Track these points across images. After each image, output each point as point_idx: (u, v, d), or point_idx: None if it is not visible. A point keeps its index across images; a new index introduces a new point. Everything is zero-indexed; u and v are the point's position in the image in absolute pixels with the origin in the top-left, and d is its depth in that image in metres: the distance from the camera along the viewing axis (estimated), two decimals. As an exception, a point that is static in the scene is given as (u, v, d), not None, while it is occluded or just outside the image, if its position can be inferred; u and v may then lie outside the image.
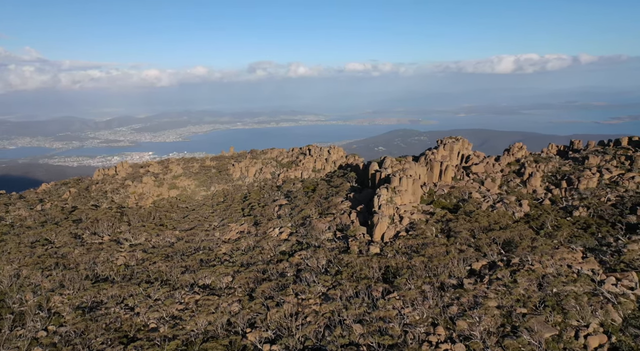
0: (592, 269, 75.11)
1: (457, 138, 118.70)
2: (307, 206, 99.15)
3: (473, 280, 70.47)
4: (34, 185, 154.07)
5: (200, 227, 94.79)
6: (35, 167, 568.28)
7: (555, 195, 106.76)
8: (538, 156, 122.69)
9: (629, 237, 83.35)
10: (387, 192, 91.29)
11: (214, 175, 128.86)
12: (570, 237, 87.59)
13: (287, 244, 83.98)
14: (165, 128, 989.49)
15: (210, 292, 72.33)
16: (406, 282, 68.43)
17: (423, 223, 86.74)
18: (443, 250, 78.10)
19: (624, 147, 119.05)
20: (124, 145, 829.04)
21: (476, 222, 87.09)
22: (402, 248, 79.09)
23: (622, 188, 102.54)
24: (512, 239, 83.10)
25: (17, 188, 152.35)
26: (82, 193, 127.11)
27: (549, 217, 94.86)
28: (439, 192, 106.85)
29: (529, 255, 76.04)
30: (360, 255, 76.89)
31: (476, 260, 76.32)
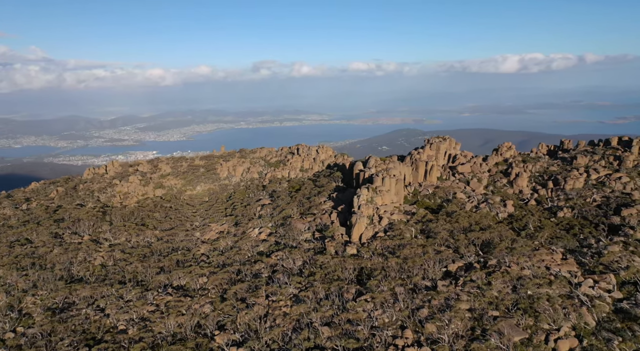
0: (570, 271, 74.10)
1: (444, 137, 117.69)
2: (288, 206, 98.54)
3: (447, 281, 69.64)
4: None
5: (181, 227, 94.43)
6: (40, 165, 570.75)
7: (541, 195, 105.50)
8: (527, 156, 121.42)
9: (610, 239, 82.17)
10: (367, 192, 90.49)
11: (202, 175, 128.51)
12: (551, 238, 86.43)
13: (265, 244, 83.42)
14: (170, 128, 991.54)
15: (183, 293, 71.88)
16: (379, 284, 67.68)
17: (403, 223, 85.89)
18: (420, 251, 77.23)
19: (613, 147, 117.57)
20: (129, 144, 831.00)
21: (456, 223, 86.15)
22: (379, 249, 78.29)
23: (609, 188, 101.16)
24: (491, 240, 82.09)
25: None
26: (70, 193, 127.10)
27: (532, 218, 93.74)
28: (423, 192, 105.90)
29: (506, 256, 75.08)
30: (335, 256, 76.19)
31: (452, 261, 75.42)
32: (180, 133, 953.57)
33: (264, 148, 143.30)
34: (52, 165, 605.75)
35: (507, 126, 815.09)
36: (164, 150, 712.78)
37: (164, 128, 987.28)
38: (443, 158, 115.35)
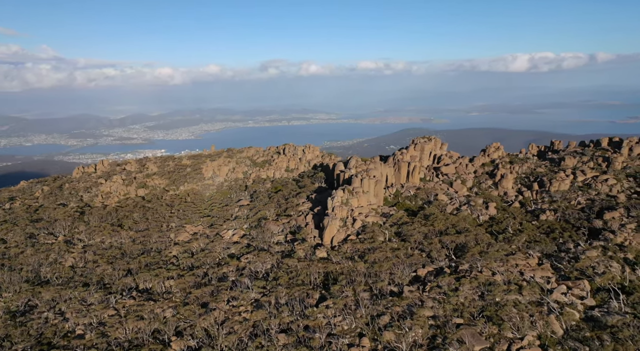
0: (544, 277, 71.99)
1: (429, 138, 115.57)
2: (265, 207, 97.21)
3: (415, 287, 67.80)
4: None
5: (156, 228, 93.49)
6: (51, 164, 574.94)
7: (526, 197, 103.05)
8: (515, 157, 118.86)
9: (590, 243, 79.83)
10: (343, 194, 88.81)
11: (187, 174, 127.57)
12: (528, 242, 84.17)
13: (236, 247, 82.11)
14: (178, 126, 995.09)
15: (147, 297, 70.73)
16: (342, 289, 66.02)
17: (377, 226, 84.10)
18: (391, 255, 75.45)
19: (603, 148, 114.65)
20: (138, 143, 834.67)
21: (432, 226, 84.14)
22: (349, 252, 76.62)
23: (594, 191, 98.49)
24: (466, 244, 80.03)
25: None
26: (55, 192, 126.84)
27: (513, 221, 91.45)
28: (405, 194, 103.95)
29: (478, 261, 73.02)
30: (303, 260, 74.62)
31: (422, 266, 73.55)
32: (188, 131, 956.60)
33: (251, 148, 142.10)
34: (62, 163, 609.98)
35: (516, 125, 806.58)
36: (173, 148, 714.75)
37: (173, 127, 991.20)
38: (428, 159, 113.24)
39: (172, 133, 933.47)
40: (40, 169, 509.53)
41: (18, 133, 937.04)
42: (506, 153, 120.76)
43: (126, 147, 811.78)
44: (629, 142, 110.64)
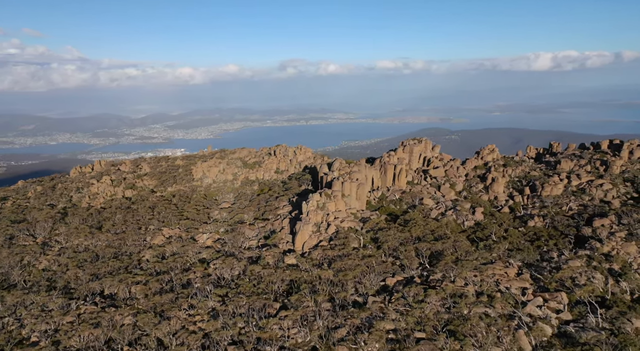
0: (521, 287, 68.48)
1: (419, 139, 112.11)
2: (245, 210, 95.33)
3: (381, 297, 64.76)
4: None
5: (134, 231, 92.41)
6: (74, 162, 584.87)
7: (517, 202, 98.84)
8: (510, 160, 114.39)
9: (575, 252, 75.70)
10: (319, 198, 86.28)
11: (177, 175, 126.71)
12: (510, 250, 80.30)
13: (208, 251, 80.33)
14: (198, 126, 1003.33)
15: (110, 303, 69.37)
16: (303, 299, 63.44)
17: (353, 231, 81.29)
18: (361, 263, 72.61)
19: (602, 150, 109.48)
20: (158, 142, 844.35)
21: (408, 232, 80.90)
22: (319, 259, 74.09)
23: (588, 196, 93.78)
24: (442, 251, 76.66)
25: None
26: (47, 192, 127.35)
27: (497, 227, 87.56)
28: (390, 197, 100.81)
29: (452, 270, 69.73)
30: (270, 267, 72.29)
31: (392, 274, 70.53)
32: (208, 131, 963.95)
33: (244, 149, 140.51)
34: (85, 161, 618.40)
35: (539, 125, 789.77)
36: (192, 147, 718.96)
37: (192, 127, 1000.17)
38: (417, 161, 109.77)
39: (191, 133, 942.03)
40: (63, 167, 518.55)
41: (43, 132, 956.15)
42: (501, 156, 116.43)
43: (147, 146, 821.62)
44: (630, 144, 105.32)
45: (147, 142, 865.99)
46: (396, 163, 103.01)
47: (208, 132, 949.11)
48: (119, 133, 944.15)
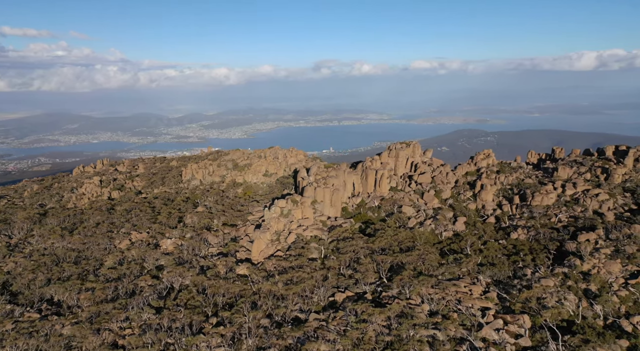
0: (484, 307, 63.03)
1: (407, 143, 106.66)
2: (215, 214, 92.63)
3: (326, 314, 60.27)
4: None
5: (105, 233, 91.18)
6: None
7: (505, 211, 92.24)
8: (507, 166, 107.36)
9: (551, 269, 69.24)
10: (285, 204, 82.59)
11: (166, 177, 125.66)
12: (482, 264, 74.30)
13: (167, 258, 77.87)
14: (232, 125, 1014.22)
15: (55, 310, 67.74)
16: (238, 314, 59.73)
17: (315, 241, 77.15)
18: (317, 275, 68.48)
19: (606, 157, 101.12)
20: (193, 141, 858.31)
21: (372, 243, 76.00)
22: (272, 269, 70.37)
23: (581, 207, 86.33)
24: (405, 265, 71.50)
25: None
26: (43, 192, 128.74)
27: (474, 239, 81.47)
28: (370, 204, 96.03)
29: (408, 286, 64.64)
30: (218, 277, 69.00)
31: (344, 289, 65.99)
32: (241, 131, 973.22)
33: (238, 150, 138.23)
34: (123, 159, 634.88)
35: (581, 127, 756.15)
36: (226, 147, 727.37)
37: (227, 126, 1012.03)
38: (405, 166, 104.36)
39: (225, 132, 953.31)
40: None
41: (86, 131, 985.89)
42: (498, 162, 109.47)
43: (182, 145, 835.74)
44: (636, 151, 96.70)
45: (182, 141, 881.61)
46: (378, 168, 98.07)
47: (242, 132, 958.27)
48: (156, 133, 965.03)
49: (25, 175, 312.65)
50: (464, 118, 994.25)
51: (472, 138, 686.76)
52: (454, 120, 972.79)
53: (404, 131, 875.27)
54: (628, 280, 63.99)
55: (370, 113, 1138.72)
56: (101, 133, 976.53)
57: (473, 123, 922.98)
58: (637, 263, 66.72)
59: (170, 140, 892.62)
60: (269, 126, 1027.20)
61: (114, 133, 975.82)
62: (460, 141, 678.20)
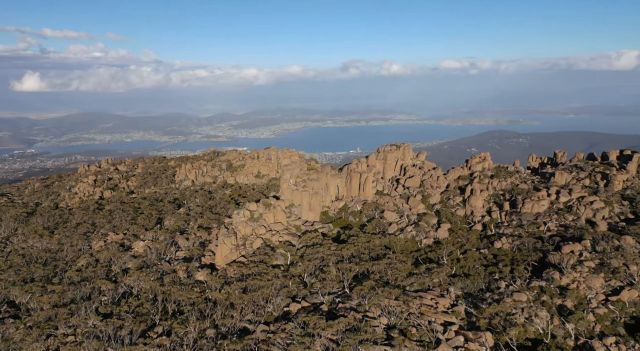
0: (447, 322, 59.08)
1: (397, 145, 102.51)
2: (191, 217, 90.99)
3: (277, 326, 57.31)
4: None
5: (83, 234, 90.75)
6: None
7: (494, 218, 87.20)
8: (504, 170, 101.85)
9: (528, 282, 64.46)
10: (256, 207, 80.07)
11: (158, 177, 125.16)
12: (455, 275, 69.88)
13: (134, 261, 76.49)
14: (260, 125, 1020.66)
15: (14, 313, 67.26)
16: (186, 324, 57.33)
17: (283, 246, 74.28)
18: (278, 282, 65.54)
19: (608, 162, 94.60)
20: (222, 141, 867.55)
21: (341, 250, 72.45)
22: (233, 276, 67.87)
23: (574, 215, 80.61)
24: (370, 273, 67.79)
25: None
26: (43, 190, 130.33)
27: (450, 248, 76.97)
28: (352, 208, 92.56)
29: (369, 298, 60.93)
30: (176, 283, 66.94)
31: (301, 299, 62.80)
32: (269, 130, 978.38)
33: (235, 151, 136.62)
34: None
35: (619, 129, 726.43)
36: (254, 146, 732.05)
37: (255, 126, 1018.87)
38: (394, 169, 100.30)
39: (254, 132, 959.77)
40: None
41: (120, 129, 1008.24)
42: (495, 166, 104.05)
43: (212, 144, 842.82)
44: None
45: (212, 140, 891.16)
46: (363, 171, 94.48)
47: (270, 132, 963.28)
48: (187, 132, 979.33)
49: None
50: (495, 119, 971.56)
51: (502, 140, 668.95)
52: (484, 121, 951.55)
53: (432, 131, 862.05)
54: (609, 297, 58.82)
55: (398, 113, 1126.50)
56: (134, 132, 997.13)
57: (504, 124, 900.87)
58: (621, 278, 61.26)
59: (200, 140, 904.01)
60: (296, 126, 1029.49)
61: (146, 132, 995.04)
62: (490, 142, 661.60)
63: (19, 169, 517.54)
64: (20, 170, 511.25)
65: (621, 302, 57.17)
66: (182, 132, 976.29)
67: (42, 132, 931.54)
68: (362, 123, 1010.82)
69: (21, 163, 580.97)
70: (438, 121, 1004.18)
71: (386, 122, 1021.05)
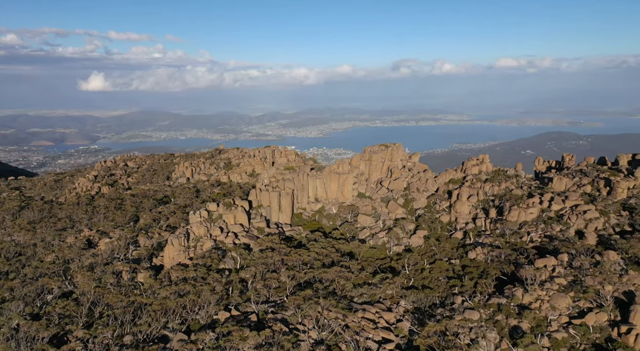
0: (385, 339, 54.01)
1: (386, 145, 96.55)
2: (162, 216, 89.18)
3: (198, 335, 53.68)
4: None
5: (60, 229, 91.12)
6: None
7: (477, 226, 79.81)
8: (503, 173, 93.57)
9: (487, 299, 57.65)
10: (215, 207, 77.07)
11: (156, 174, 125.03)
12: (409, 287, 63.61)
13: (91, 260, 75.35)
14: (308, 124, 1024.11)
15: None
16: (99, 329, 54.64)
17: (236, 250, 70.66)
18: (218, 288, 62.02)
19: (616, 168, 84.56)
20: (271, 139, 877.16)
21: (294, 256, 67.84)
22: (175, 279, 64.98)
23: (563, 225, 72.13)
24: (314, 283, 62.80)
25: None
26: (53, 185, 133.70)
27: (416, 256, 70.53)
28: (329, 211, 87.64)
29: (303, 309, 56.28)
30: (115, 285, 64.67)
31: (233, 307, 58.90)
32: (318, 130, 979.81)
33: (235, 149, 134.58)
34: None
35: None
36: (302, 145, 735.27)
37: (304, 125, 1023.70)
38: (380, 170, 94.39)
39: (302, 131, 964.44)
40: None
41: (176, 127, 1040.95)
42: (495, 169, 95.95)
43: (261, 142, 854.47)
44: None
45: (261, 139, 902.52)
46: (342, 172, 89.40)
47: (318, 131, 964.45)
48: (237, 130, 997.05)
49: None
50: (554, 120, 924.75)
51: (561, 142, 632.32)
52: (541, 122, 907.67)
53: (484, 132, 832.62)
54: (573, 319, 51.35)
55: (449, 114, 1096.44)
56: (188, 130, 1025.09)
57: (564, 125, 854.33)
58: (592, 299, 53.40)
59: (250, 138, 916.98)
60: (345, 125, 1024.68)
61: (200, 130, 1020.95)
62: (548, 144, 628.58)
63: (82, 164, 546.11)
64: (84, 165, 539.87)
65: (584, 327, 49.64)
66: (233, 131, 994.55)
67: (105, 129, 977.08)
68: (411, 124, 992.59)
69: (85, 158, 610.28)
70: (491, 122, 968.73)
71: (436, 122, 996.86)
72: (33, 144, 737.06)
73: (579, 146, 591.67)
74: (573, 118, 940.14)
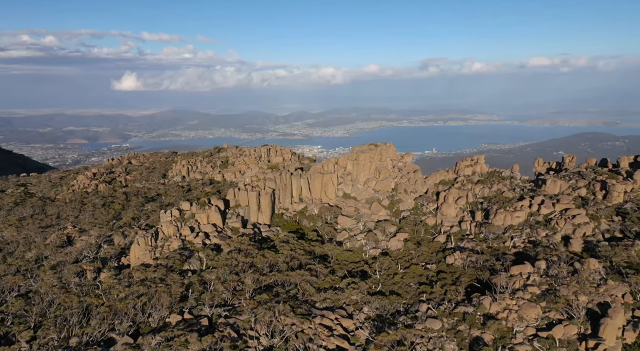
0: (339, 348, 51.42)
1: (375, 144, 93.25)
2: (142, 214, 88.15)
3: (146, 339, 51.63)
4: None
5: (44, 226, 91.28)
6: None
7: (463, 229, 75.70)
8: (497, 175, 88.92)
9: (454, 307, 54.18)
10: (188, 206, 75.45)
11: (152, 172, 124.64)
12: (375, 293, 60.32)
13: (65, 257, 74.83)
14: (335, 124, 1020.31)
15: None
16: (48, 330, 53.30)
17: (204, 250, 68.72)
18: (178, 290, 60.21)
19: (615, 170, 79.00)
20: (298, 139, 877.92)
21: (259, 258, 65.38)
22: (136, 279, 63.40)
23: (549, 230, 67.64)
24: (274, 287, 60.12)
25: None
26: (57, 183, 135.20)
27: (388, 261, 67.04)
28: (311, 211, 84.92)
29: (257, 314, 53.82)
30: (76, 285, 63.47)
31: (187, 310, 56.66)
32: (344, 129, 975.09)
33: (233, 148, 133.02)
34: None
35: None
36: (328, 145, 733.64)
37: (330, 125, 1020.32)
38: (369, 171, 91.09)
39: (328, 131, 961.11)
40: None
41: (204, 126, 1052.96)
42: (491, 170, 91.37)
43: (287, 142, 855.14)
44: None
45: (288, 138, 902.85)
46: (326, 172, 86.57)
47: (344, 131, 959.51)
48: (264, 130, 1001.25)
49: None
50: (589, 120, 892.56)
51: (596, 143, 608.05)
52: (575, 123, 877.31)
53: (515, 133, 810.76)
54: (540, 331, 47.54)
55: (478, 113, 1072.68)
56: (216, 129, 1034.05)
57: (599, 126, 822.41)
58: (563, 310, 49.34)
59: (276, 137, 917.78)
60: (371, 125, 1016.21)
61: (227, 129, 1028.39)
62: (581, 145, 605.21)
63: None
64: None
65: (550, 340, 45.81)
66: (259, 130, 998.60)
67: (136, 127, 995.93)
68: (439, 123, 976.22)
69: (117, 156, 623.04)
70: (522, 122, 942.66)
71: (465, 122, 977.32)
72: (68, 142, 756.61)
73: (615, 147, 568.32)
74: (609, 118, 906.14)
